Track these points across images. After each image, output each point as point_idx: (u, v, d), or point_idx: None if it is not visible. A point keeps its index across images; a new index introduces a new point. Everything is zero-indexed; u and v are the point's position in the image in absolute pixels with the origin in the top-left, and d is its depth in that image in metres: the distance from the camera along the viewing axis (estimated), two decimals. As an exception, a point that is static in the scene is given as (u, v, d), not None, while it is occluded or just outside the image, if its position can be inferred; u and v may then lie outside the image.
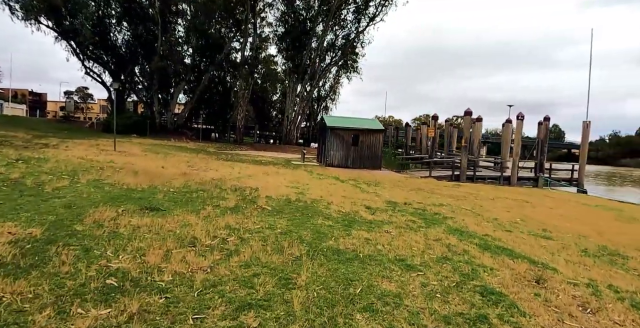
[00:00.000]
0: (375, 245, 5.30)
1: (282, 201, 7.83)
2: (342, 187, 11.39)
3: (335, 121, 21.98)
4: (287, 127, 37.30)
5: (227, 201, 7.19)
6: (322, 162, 21.88)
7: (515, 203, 12.58)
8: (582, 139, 24.60)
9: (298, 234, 5.35)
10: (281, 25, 38.95)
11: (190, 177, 10.12)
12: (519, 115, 21.60)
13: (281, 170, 14.78)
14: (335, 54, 39.05)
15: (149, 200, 6.70)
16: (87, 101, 77.43)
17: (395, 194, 11.21)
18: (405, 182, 15.65)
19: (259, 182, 10.41)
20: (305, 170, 15.93)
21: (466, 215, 8.92)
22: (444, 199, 11.40)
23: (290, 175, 13.25)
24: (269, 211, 6.73)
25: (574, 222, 10.06)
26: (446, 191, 13.82)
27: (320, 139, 23.32)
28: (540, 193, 17.64)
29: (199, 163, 14.57)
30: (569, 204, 14.38)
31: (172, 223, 5.28)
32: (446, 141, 28.13)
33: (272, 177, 12.13)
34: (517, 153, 21.73)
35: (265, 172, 13.51)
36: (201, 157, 18.17)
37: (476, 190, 15.17)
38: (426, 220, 7.61)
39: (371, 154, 21.87)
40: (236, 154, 23.05)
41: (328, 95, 53.50)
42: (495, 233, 7.23)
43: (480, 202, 11.93)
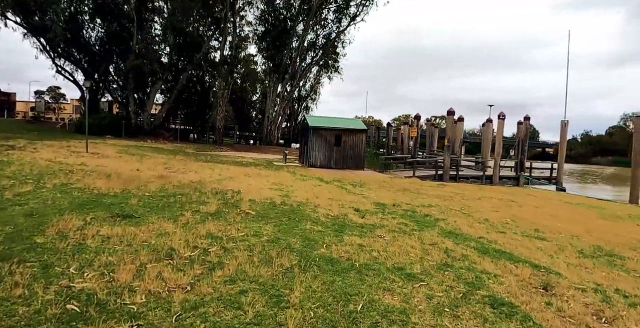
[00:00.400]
0: (371, 252, 4.92)
1: (266, 205, 7.38)
2: (327, 189, 11.00)
3: (317, 121, 21.58)
4: (268, 128, 36.69)
5: (207, 206, 6.69)
6: (304, 162, 21.45)
7: (502, 202, 12.46)
8: (561, 138, 24.96)
9: (286, 242, 4.92)
10: (261, 24, 38.36)
11: (167, 179, 9.54)
12: (500, 114, 21.69)
13: (263, 172, 14.28)
14: (316, 53, 38.68)
15: (122, 206, 6.15)
16: (59, 101, 74.78)
17: (382, 195, 10.89)
18: (390, 182, 15.37)
19: (241, 185, 9.91)
20: (288, 172, 15.47)
21: (457, 216, 8.66)
22: (431, 200, 11.15)
23: (273, 177, 12.78)
24: (253, 216, 6.27)
25: (563, 221, 9.95)
26: (432, 191, 13.61)
27: (302, 140, 22.88)
28: (523, 192, 17.68)
29: (176, 165, 13.94)
30: (552, 203, 14.38)
31: (147, 232, 4.76)
32: (428, 141, 28.11)
33: (254, 179, 11.63)
34: (499, 152, 21.81)
35: (247, 174, 13.00)
36: (179, 158, 17.48)
37: (461, 190, 15.03)
38: (418, 223, 7.30)
39: (354, 154, 21.56)
40: (216, 155, 22.39)
41: (309, 95, 53.13)
42: (489, 235, 6.97)
43: (468, 202, 11.73)
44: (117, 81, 39.05)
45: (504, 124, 23.52)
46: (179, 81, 37.36)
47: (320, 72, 42.20)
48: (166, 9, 36.95)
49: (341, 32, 36.27)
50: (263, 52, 40.74)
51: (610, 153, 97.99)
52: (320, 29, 37.12)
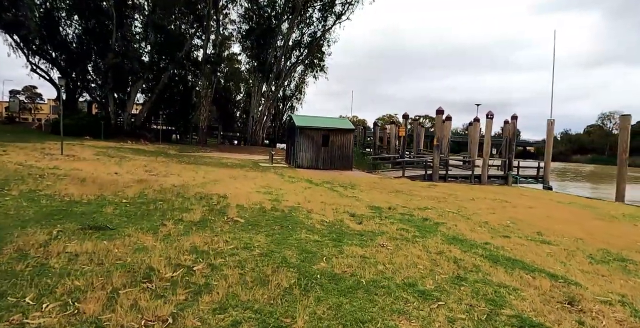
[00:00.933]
0: (375, 264, 4.43)
1: (256, 211, 6.83)
2: (318, 192, 10.49)
3: (304, 121, 21.05)
4: (253, 128, 35.97)
5: (191, 213, 6.11)
6: (291, 163, 20.90)
7: (496, 203, 12.15)
8: (547, 137, 24.98)
9: (282, 255, 4.40)
10: (245, 22, 37.61)
11: (147, 184, 8.89)
12: (488, 114, 21.51)
13: (250, 174, 13.70)
14: (301, 52, 38.13)
15: (95, 215, 5.52)
16: (35, 101, 72.45)
17: (376, 198, 10.44)
18: (381, 183, 14.95)
19: (227, 188, 9.33)
20: (276, 173, 14.91)
21: (456, 220, 8.26)
22: (425, 202, 10.75)
23: (261, 179, 12.21)
24: (242, 225, 5.72)
25: (561, 222, 9.65)
26: (424, 192, 13.23)
27: (288, 140, 22.33)
28: (513, 191, 17.49)
29: (158, 167, 13.23)
30: (544, 203, 14.17)
31: (122, 247, 4.17)
32: (415, 140, 27.84)
33: (240, 182, 11.05)
34: (487, 152, 21.63)
35: (233, 176, 12.40)
36: (161, 160, 16.74)
37: (453, 191, 14.70)
38: (418, 228, 6.85)
39: (342, 155, 21.12)
40: (199, 156, 21.65)
41: (294, 95, 52.55)
42: (495, 241, 6.57)
43: (462, 203, 11.38)
44: (96, 80, 37.79)
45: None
46: (161, 80, 36.36)
47: (305, 71, 41.67)
48: (147, 6, 35.91)
49: (327, 30, 35.82)
50: (247, 51, 40.02)
51: (588, 151, 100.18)
52: (306, 28, 36.63)
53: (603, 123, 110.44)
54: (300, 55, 38.04)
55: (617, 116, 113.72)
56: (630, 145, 20.27)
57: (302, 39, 37.19)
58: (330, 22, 35.43)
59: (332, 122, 21.82)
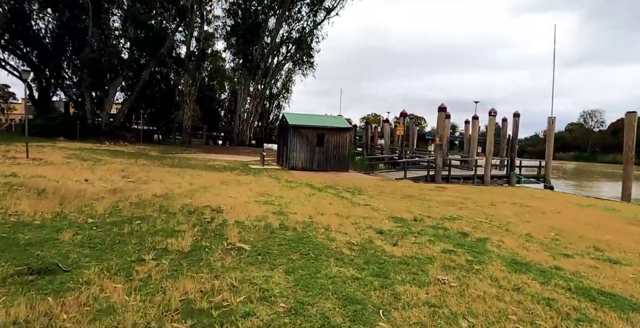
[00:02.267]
0: (454, 318, 3.05)
1: (261, 230, 5.38)
2: (325, 199, 9.07)
3: (297, 119, 19.60)
4: (239, 127, 34.27)
5: (179, 238, 4.62)
6: (284, 165, 19.43)
7: (519, 208, 10.93)
8: (548, 134, 24.11)
9: (319, 311, 2.97)
10: (230, 17, 35.80)
11: (123, 194, 7.33)
12: (491, 111, 20.42)
13: (242, 178, 12.18)
14: (289, 49, 36.58)
15: (45, 247, 3.99)
16: (8, 101, 69.01)
17: (391, 205, 9.08)
18: (386, 186, 13.62)
19: (220, 198, 7.84)
20: (271, 177, 13.43)
21: (495, 233, 6.95)
22: (446, 209, 9.45)
23: (256, 185, 10.72)
24: (249, 254, 4.26)
25: (605, 231, 8.47)
26: (437, 196, 11.94)
27: (280, 140, 20.85)
28: (523, 193, 16.37)
29: (137, 172, 11.61)
30: (566, 206, 13.04)
31: (75, 310, 2.68)
32: (411, 139, 26.69)
33: (234, 189, 9.54)
34: (491, 151, 20.55)
35: (224, 181, 10.87)
36: (141, 163, 15.06)
37: (464, 194, 13.48)
38: (464, 248, 5.52)
39: (338, 155, 19.75)
40: (184, 158, 19.97)
41: (281, 93, 51.01)
42: (560, 262, 5.29)
43: (484, 209, 10.12)
44: (72, 78, 35.56)
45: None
46: (141, 78, 34.35)
47: (293, 68, 40.16)
48: (125, -1, 33.87)
49: (316, 26, 34.34)
50: (232, 48, 38.23)
51: (571, 149, 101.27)
52: (294, 23, 35.07)
53: (585, 121, 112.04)
54: (288, 52, 36.49)
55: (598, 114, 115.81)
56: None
57: (291, 34, 35.65)
58: (320, 17, 34.00)
59: (327, 121, 20.43)
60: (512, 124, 22.10)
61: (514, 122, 22.05)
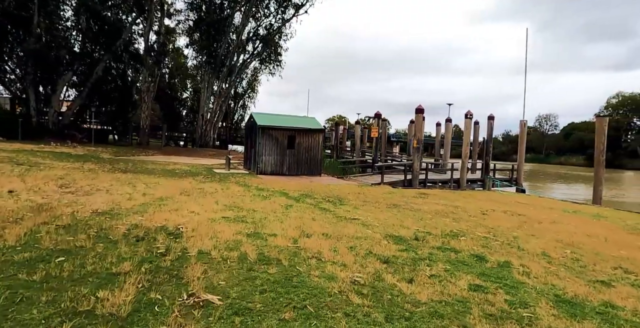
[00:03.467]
0: None
1: (234, 266, 4.00)
2: (305, 212, 7.76)
3: (267, 119, 18.17)
4: (203, 128, 32.26)
5: (115, 289, 3.17)
6: (252, 169, 17.95)
7: (515, 219, 10.06)
8: (520, 138, 23.95)
9: None
10: (194, 11, 33.74)
11: (53, 212, 5.73)
12: (467, 113, 19.85)
13: (207, 186, 10.65)
14: (256, 46, 34.93)
15: None
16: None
17: (382, 219, 7.90)
18: (367, 194, 12.48)
19: (179, 214, 6.38)
20: (239, 184, 11.96)
21: (509, 253, 5.92)
22: (441, 221, 8.40)
23: (223, 194, 9.25)
24: (220, 314, 2.90)
25: (613, 245, 7.69)
26: (423, 205, 10.91)
27: (248, 142, 19.32)
28: (504, 198, 15.72)
29: (80, 180, 9.84)
30: (553, 213, 12.38)
31: None
32: (383, 142, 25.82)
33: (197, 200, 8.06)
34: (467, 154, 19.97)
35: (185, 191, 9.33)
36: (88, 168, 13.16)
37: (449, 201, 12.57)
38: (492, 280, 4.43)
39: (310, 158, 18.49)
40: (140, 161, 18.05)
41: (246, 93, 49.19)
42: (607, 296, 4.29)
43: (480, 220, 9.16)
44: (14, 71, 32.31)
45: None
46: (94, 73, 31.65)
47: (260, 66, 38.50)
48: (77, -14, 31.13)
49: (285, 22, 32.92)
50: (195, 45, 36.13)
51: (527, 151, 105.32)
52: (262, 19, 33.47)
53: (540, 124, 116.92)
54: (255, 49, 34.84)
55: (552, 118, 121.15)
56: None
57: (258, 31, 34.02)
58: (289, 14, 32.59)
59: (298, 121, 19.11)
60: (487, 126, 21.66)
61: (488, 125, 21.63)
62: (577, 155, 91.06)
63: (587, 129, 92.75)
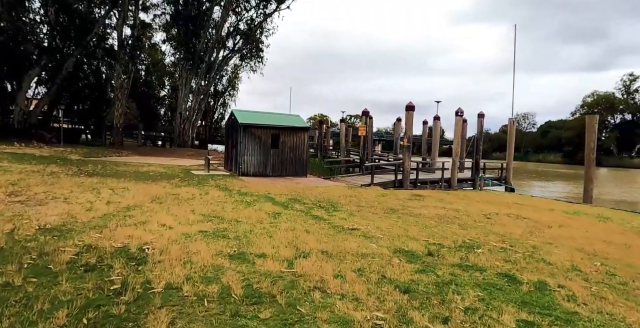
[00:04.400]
0: None
1: (214, 308, 2.97)
2: (297, 222, 6.76)
3: (249, 117, 17.05)
4: (181, 126, 30.79)
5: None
6: (233, 170, 16.82)
7: (522, 223, 9.28)
8: (509, 136, 23.47)
9: None
10: (171, 4, 32.12)
11: (-17, 230, 4.57)
12: (458, 111, 19.16)
13: (183, 191, 9.52)
14: (236, 42, 33.60)
15: None
16: None
17: (384, 228, 6.97)
18: (359, 196, 11.56)
19: (146, 229, 5.30)
20: (219, 188, 10.85)
21: (538, 270, 5.07)
22: (448, 229, 7.53)
23: (201, 201, 8.16)
24: None
25: (635, 251, 6.98)
26: (423, 209, 10.04)
27: (229, 141, 18.15)
28: (501, 199, 15.04)
29: (36, 185, 8.59)
30: (559, 216, 11.69)
31: None
32: (370, 140, 24.96)
33: (170, 211, 6.95)
34: (458, 153, 19.29)
35: (157, 198, 8.20)
36: (50, 171, 11.83)
37: (447, 203, 11.76)
38: (537, 311, 3.53)
39: (295, 158, 17.49)
40: (112, 163, 16.69)
41: (226, 90, 47.74)
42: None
43: (488, 226, 8.34)
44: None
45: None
46: (63, 68, 29.79)
47: (241, 63, 37.14)
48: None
49: (267, 17, 31.69)
50: (172, 41, 34.54)
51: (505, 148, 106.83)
52: (243, 12, 32.14)
53: (518, 123, 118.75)
54: (235, 44, 33.49)
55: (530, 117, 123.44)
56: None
57: (238, 26, 32.71)
58: (271, 8, 31.34)
59: (282, 119, 18.06)
60: (477, 124, 21.05)
61: (478, 123, 21.02)
62: (555, 152, 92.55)
63: (564, 127, 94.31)
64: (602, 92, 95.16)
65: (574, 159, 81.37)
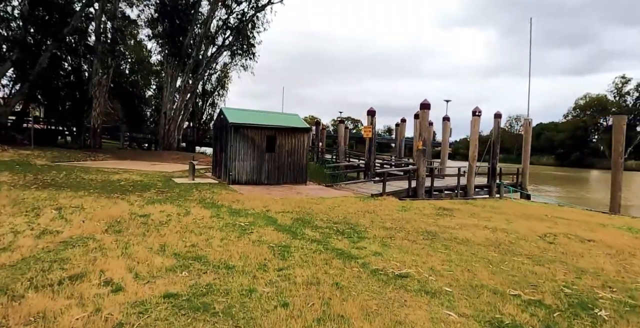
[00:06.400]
0: None
1: None
2: (315, 264, 4.57)
3: (240, 116, 14.84)
4: (165, 127, 28.38)
5: None
6: (222, 177, 14.58)
7: (595, 249, 7.21)
8: (524, 139, 21.62)
9: None
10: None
11: None
12: (475, 110, 17.16)
13: (156, 210, 7.26)
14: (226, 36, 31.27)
15: None
16: None
17: (439, 268, 4.84)
18: (378, 211, 9.40)
19: (75, 294, 3.07)
20: (204, 204, 8.60)
21: None
22: (517, 264, 5.44)
23: (177, 228, 5.92)
24: None
25: None
26: (464, 231, 7.91)
27: (217, 143, 15.91)
28: (530, 210, 12.99)
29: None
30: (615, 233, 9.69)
31: None
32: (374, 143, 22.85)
33: (128, 249, 4.71)
34: (474, 157, 17.29)
35: (117, 222, 5.95)
36: (-6, 181, 9.48)
37: (483, 219, 9.67)
38: None
39: (294, 163, 15.31)
40: (80, 169, 14.31)
41: (215, 90, 45.26)
42: None
43: (564, 258, 6.25)
44: None
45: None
46: (37, 64, 27.20)
47: (232, 59, 34.74)
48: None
49: (259, 10, 29.41)
50: (158, 38, 32.07)
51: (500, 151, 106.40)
52: (234, 5, 29.82)
53: (511, 125, 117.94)
54: (225, 40, 31.16)
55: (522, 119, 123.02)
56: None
57: (228, 20, 30.39)
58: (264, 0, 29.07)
59: (279, 119, 15.87)
60: (494, 125, 19.10)
61: (495, 123, 19.06)
62: (547, 154, 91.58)
63: (555, 130, 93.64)
64: (594, 95, 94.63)
65: (566, 160, 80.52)
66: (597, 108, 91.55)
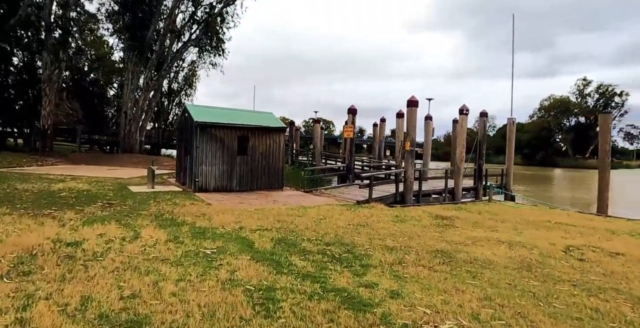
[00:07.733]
0: None
1: None
2: (308, 319, 3.11)
3: (208, 114, 13.15)
4: (126, 128, 26.08)
5: None
6: (187, 184, 12.86)
7: (633, 268, 6.08)
8: (508, 138, 20.84)
9: None
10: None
11: None
12: (463, 109, 16.13)
13: (92, 234, 5.56)
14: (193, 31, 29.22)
15: None
16: None
17: (476, 312, 3.47)
18: (372, 224, 8.01)
19: None
20: (160, 221, 6.93)
21: None
22: (565, 296, 4.14)
23: (115, 266, 4.28)
24: None
25: None
26: (479, 248, 6.60)
27: (181, 145, 14.13)
28: (527, 214, 11.92)
29: None
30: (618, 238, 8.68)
31: None
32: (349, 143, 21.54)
33: (19, 311, 3.12)
34: (462, 159, 16.23)
35: (26, 259, 4.26)
36: None
37: (490, 230, 8.46)
38: None
39: (268, 167, 13.76)
40: (18, 177, 12.21)
41: (182, 89, 42.92)
42: None
43: (609, 280, 5.04)
44: None
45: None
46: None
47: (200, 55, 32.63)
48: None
49: (228, 3, 27.52)
50: (120, 34, 29.62)
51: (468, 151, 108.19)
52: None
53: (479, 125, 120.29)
54: (192, 34, 29.08)
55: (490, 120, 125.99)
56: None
57: (196, 14, 28.36)
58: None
59: (251, 118, 14.27)
60: (480, 124, 18.17)
61: (481, 123, 18.12)
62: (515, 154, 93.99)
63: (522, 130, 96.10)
64: (558, 96, 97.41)
65: (532, 160, 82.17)
66: (561, 109, 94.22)
